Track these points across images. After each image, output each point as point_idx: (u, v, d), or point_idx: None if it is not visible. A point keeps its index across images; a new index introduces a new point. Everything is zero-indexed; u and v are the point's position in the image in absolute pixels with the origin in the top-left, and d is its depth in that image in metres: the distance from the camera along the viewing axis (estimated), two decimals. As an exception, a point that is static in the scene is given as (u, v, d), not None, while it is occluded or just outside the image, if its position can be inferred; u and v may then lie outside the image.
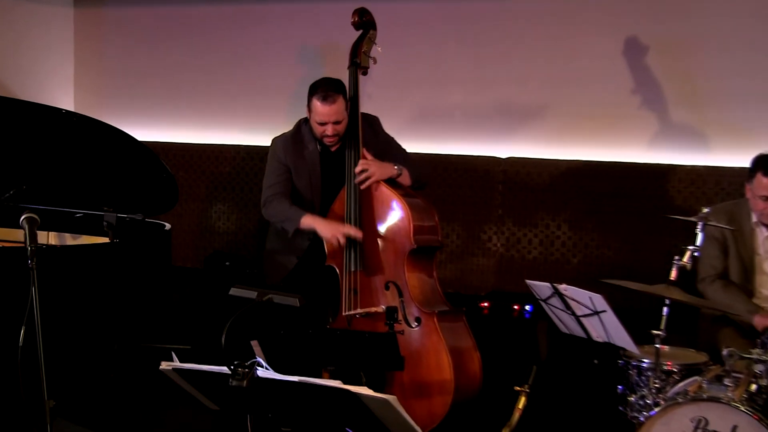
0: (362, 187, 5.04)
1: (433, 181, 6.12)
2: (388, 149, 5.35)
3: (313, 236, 5.21)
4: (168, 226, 5.50)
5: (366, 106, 5.34)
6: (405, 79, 6.73)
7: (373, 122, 5.39)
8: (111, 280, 4.87)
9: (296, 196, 5.33)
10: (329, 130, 5.15)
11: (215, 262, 6.83)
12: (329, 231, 5.04)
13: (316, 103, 5.12)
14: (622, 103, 6.14)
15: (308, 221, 5.14)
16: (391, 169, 5.12)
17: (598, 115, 6.23)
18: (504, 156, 6.45)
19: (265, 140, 5.63)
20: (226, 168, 7.21)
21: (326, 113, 5.11)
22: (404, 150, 5.44)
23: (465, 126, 6.61)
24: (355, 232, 4.97)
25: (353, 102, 5.20)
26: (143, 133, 6.58)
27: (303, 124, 5.37)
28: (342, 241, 4.99)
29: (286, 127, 5.49)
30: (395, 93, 6.72)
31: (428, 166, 5.69)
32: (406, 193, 5.04)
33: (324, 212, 5.22)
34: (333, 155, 5.28)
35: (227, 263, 6.77)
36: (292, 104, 6.67)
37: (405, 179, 5.18)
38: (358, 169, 5.05)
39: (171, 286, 5.79)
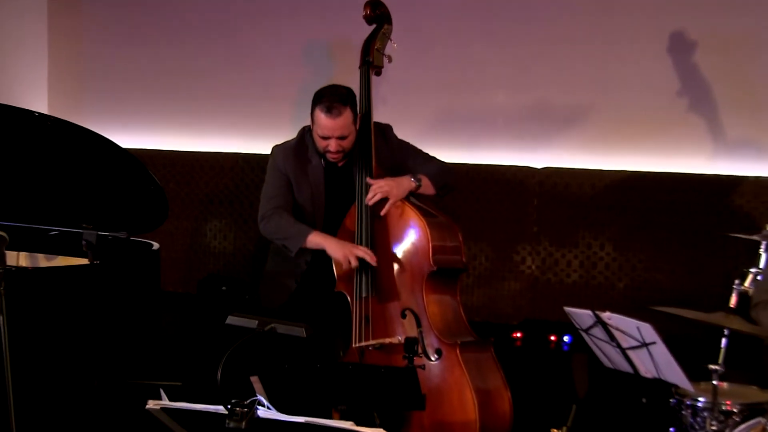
0: (382, 213, 5.04)
1: (459, 194, 6.12)
2: (404, 155, 5.35)
3: (311, 258, 5.22)
4: (156, 245, 5.51)
5: (380, 111, 5.35)
6: (424, 80, 6.75)
7: (384, 130, 5.40)
8: (90, 307, 4.87)
9: (297, 211, 5.34)
10: (332, 146, 5.16)
11: (210, 287, 6.84)
12: (341, 252, 5.04)
13: (320, 115, 5.13)
14: (673, 107, 6.14)
15: (316, 240, 5.14)
16: (407, 183, 5.12)
17: (647, 120, 6.23)
18: (539, 166, 6.46)
19: (266, 148, 5.65)
20: (223, 179, 7.23)
21: (330, 127, 5.12)
22: (423, 152, 5.43)
23: (494, 132, 6.63)
24: (370, 257, 4.98)
25: (365, 110, 5.20)
26: (127, 139, 6.63)
27: (307, 134, 5.37)
28: (354, 263, 4.99)
29: (291, 132, 5.52)
30: (413, 96, 6.74)
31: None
32: (425, 210, 5.04)
33: (327, 233, 5.22)
34: (339, 170, 5.29)
35: (224, 288, 6.79)
36: (297, 107, 6.69)
37: (427, 188, 5.18)
38: (369, 195, 5.05)
39: (160, 313, 5.80)
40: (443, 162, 5.46)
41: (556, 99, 6.46)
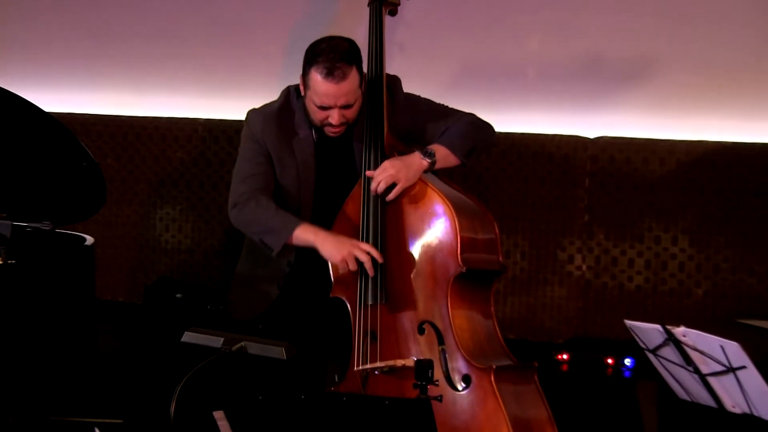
0: (388, 198, 4.99)
1: (486, 172, 6.12)
2: (412, 114, 5.30)
3: (295, 258, 5.18)
4: (90, 240, 5.51)
5: (395, 61, 5.30)
6: (451, 23, 6.75)
7: (389, 84, 5.33)
8: (3, 320, 4.86)
9: (278, 197, 5.30)
10: (334, 117, 5.09)
11: (161, 294, 6.84)
12: (338, 252, 4.96)
13: (316, 78, 5.04)
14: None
15: (306, 236, 5.07)
16: (418, 163, 5.04)
17: (735, 74, 6.24)
18: (592, 135, 6.46)
19: (237, 112, 5.66)
20: (177, 153, 7.21)
21: (332, 94, 5.04)
22: (438, 106, 5.40)
23: (536, 91, 6.64)
24: (376, 253, 4.93)
25: (377, 61, 5.16)
26: (51, 99, 6.62)
27: (293, 96, 5.33)
28: (353, 267, 4.93)
29: (273, 91, 5.48)
30: (436, 42, 6.75)
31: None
32: (451, 192, 5.00)
33: (317, 223, 5.18)
34: (335, 143, 5.25)
35: (178, 295, 6.78)
36: (284, 59, 6.69)
37: (446, 160, 5.11)
38: (373, 185, 4.99)
39: (95, 329, 5.80)
40: (467, 115, 5.38)
41: (614, 48, 6.46)
